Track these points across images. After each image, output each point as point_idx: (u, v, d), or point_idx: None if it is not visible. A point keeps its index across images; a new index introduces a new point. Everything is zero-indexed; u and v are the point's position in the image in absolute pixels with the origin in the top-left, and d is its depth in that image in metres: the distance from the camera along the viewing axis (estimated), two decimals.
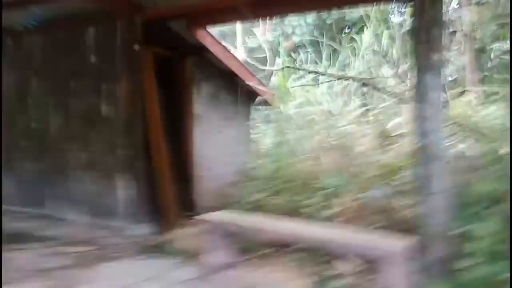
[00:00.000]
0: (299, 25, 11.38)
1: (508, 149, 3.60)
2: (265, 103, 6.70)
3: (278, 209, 4.49)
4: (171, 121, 5.28)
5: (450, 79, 6.79)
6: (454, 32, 6.81)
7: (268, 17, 6.19)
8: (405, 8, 7.16)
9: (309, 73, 5.07)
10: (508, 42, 5.95)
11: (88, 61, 4.86)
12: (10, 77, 5.56)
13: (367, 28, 6.84)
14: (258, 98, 6.45)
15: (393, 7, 7.70)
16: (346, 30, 10.37)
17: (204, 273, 3.51)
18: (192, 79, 5.38)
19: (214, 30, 5.34)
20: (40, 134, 5.31)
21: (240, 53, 7.83)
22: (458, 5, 7.11)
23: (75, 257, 3.86)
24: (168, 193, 4.80)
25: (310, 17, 11.12)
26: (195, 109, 5.41)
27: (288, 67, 4.93)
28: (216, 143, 5.97)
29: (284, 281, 3.35)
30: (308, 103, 5.86)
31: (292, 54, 6.67)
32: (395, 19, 7.91)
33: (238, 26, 10.67)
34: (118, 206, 4.75)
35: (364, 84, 5.32)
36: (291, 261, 3.69)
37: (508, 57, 5.98)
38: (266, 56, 7.11)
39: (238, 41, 10.10)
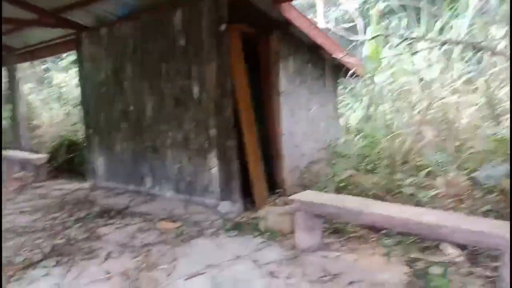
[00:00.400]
0: None
1: None
2: (354, 75, 6.29)
3: (373, 189, 4.22)
4: (258, 99, 5.22)
5: None
6: None
7: None
8: None
9: (405, 40, 4.56)
10: None
11: (177, 44, 4.94)
12: (108, 64, 5.93)
13: None
14: (346, 71, 6.09)
15: None
16: None
17: (292, 255, 3.43)
18: (277, 55, 5.22)
19: (295, 3, 5.05)
20: (137, 116, 5.61)
21: (324, 25, 7.42)
22: None
23: (168, 233, 4.04)
24: (258, 171, 4.78)
25: None
26: (281, 86, 5.27)
27: (381, 35, 4.47)
28: (303, 119, 5.80)
29: (378, 267, 3.12)
30: (403, 73, 5.35)
31: (382, 21, 6.10)
32: None
33: None
34: (210, 184, 4.86)
35: (469, 47, 4.66)
36: (386, 246, 3.43)
37: None
38: (355, 25, 6.62)
39: (319, 13, 9.65)
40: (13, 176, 6.68)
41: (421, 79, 5.19)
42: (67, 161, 6.91)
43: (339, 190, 4.57)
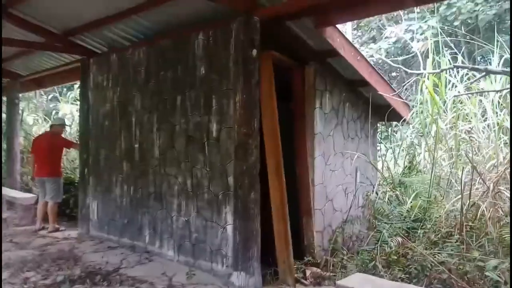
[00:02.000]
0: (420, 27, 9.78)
1: None
2: (399, 118, 5.37)
3: (442, 271, 3.12)
4: (287, 142, 4.28)
5: None
6: None
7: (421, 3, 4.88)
8: None
9: (486, 74, 3.62)
10: None
11: (197, 73, 4.14)
12: (115, 95, 5.15)
13: None
14: (391, 112, 5.17)
15: None
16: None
17: None
18: (313, 90, 4.34)
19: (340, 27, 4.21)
20: (142, 155, 4.73)
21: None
22: None
23: None
24: (284, 234, 3.76)
25: (434, 19, 9.49)
26: (316, 127, 4.35)
27: (459, 66, 3.55)
28: (337, 168, 4.82)
29: None
30: (467, 117, 4.38)
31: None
32: None
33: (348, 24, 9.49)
34: (222, 246, 3.86)
35: None
36: None
37: None
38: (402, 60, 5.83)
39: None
40: None
41: (491, 127, 4.20)
42: (61, 202, 5.99)
43: (390, 266, 3.49)
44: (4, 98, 7.84)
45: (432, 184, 4.32)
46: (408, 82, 4.29)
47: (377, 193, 4.74)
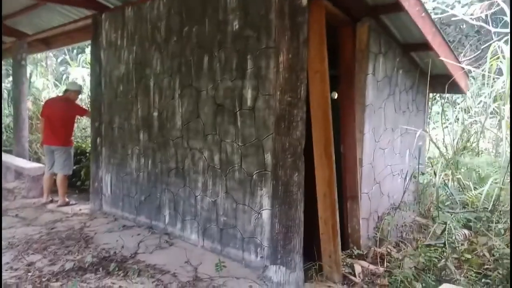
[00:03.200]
0: None
1: None
2: (457, 90, 4.64)
3: None
4: (332, 113, 3.62)
5: None
6: None
7: None
8: None
9: None
10: None
11: (229, 28, 3.46)
12: (131, 55, 4.51)
13: None
14: (451, 82, 4.43)
15: None
16: None
17: None
18: (366, 52, 3.63)
19: None
20: (162, 125, 4.13)
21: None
22: None
23: None
24: (332, 223, 3.16)
25: None
26: (367, 97, 3.66)
27: None
28: (387, 146, 4.17)
29: None
30: None
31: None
32: None
33: None
34: (256, 233, 3.30)
35: None
36: None
37: None
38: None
39: None
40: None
41: None
42: (72, 173, 5.50)
43: (461, 267, 2.89)
44: (9, 60, 7.24)
45: (506, 168, 3.64)
46: (487, 45, 3.51)
47: (434, 174, 4.09)
